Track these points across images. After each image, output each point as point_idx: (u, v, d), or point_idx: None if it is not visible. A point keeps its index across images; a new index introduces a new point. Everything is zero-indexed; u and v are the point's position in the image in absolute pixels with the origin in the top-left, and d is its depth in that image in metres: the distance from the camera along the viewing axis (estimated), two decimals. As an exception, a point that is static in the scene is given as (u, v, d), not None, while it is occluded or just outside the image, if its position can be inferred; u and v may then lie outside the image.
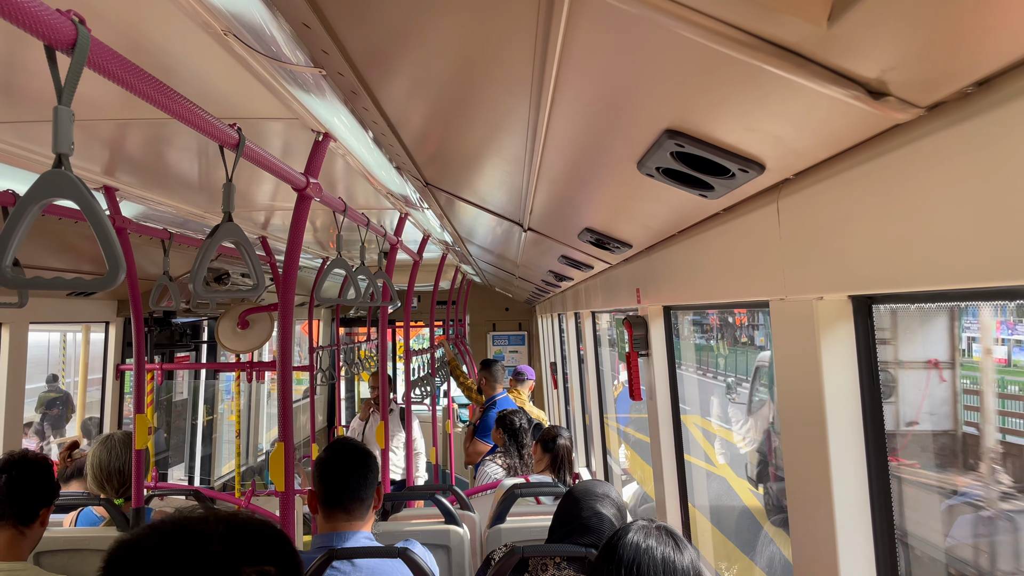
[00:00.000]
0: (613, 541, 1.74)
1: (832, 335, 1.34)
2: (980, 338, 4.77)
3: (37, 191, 1.23)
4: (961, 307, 3.17)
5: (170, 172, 3.10)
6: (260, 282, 2.04)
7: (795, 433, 1.50)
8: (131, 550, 1.02)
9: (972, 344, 4.96)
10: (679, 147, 1.21)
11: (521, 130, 1.62)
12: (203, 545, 1.01)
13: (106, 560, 1.01)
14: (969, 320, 4.96)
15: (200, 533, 1.03)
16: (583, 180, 1.88)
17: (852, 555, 1.39)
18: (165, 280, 3.44)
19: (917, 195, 0.95)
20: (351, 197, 3.72)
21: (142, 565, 0.99)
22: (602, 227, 2.48)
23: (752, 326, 16.03)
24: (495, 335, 11.22)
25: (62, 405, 9.80)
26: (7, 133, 2.39)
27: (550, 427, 4.56)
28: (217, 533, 1.03)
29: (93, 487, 3.27)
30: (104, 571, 1.00)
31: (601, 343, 5.98)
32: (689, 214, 1.82)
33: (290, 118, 2.25)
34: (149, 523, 1.07)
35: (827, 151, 1.11)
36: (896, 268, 1.02)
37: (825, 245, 1.24)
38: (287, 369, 2.48)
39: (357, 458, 2.65)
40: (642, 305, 2.90)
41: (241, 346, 5.15)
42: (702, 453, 10.08)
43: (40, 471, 2.48)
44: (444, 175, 2.71)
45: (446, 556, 3.20)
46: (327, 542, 2.57)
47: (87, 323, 5.07)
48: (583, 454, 6.34)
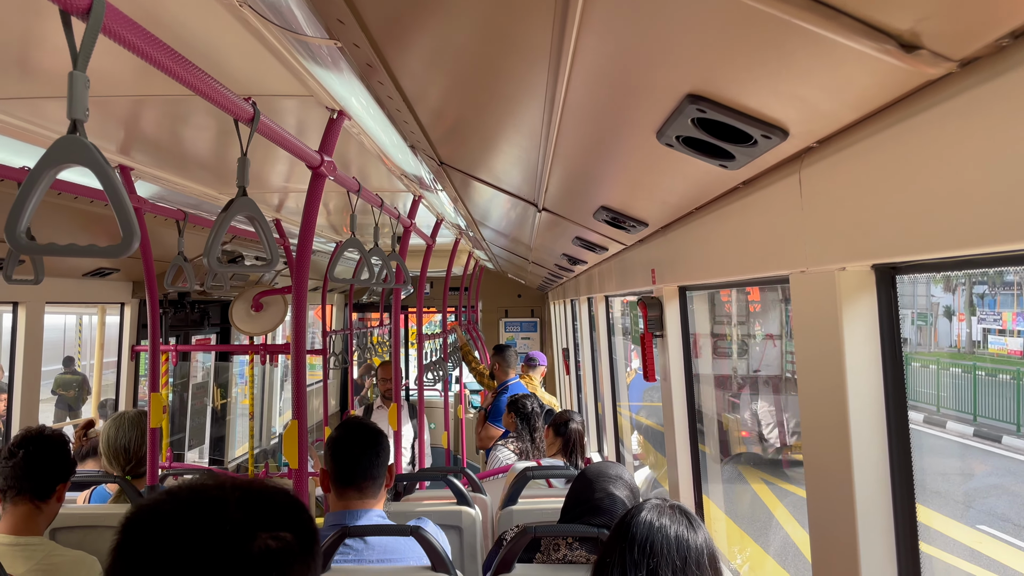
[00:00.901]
0: (627, 519, 1.73)
1: (854, 307, 1.32)
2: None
3: (51, 156, 1.23)
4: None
5: (185, 151, 3.10)
6: (274, 258, 2.03)
7: (815, 407, 1.48)
8: (148, 514, 1.02)
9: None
10: (700, 112, 1.19)
11: (538, 101, 1.59)
12: (219, 510, 1.01)
13: (123, 524, 1.01)
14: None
15: (216, 499, 1.03)
16: (600, 154, 1.86)
17: (872, 533, 1.37)
18: (180, 260, 3.45)
19: (947, 156, 0.92)
20: (365, 179, 3.71)
21: (158, 529, 0.99)
22: (618, 205, 2.46)
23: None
24: (507, 321, 11.23)
25: (77, 388, 9.90)
26: (22, 109, 2.40)
27: (562, 411, 4.56)
28: (233, 499, 1.03)
29: (107, 465, 3.29)
30: (121, 535, 1.00)
31: (614, 331, 5.96)
32: (708, 188, 1.80)
33: (305, 95, 2.24)
34: (166, 489, 1.07)
35: (853, 113, 1.08)
36: (924, 234, 1.00)
37: (849, 214, 1.22)
38: (301, 347, 2.49)
39: (369, 437, 2.66)
40: (657, 286, 2.88)
41: (255, 328, 5.17)
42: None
43: (56, 447, 2.50)
44: (459, 153, 2.69)
45: (458, 537, 3.20)
46: (339, 520, 2.58)
47: (103, 304, 5.09)
48: (595, 440, 6.34)
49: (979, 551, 7.72)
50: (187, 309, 5.65)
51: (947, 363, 15.74)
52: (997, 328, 18.27)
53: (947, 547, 7.86)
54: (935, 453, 11.64)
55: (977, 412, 13.02)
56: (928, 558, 7.38)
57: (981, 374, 13.71)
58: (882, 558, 1.38)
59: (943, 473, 10.70)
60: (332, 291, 8.93)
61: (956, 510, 8.96)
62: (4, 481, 2.39)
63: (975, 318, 18.87)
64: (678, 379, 2.87)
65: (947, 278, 19.67)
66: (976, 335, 18.59)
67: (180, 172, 3.43)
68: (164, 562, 0.96)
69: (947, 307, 19.95)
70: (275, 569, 1.01)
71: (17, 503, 2.39)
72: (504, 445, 5.16)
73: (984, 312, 18.83)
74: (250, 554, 0.99)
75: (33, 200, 1.25)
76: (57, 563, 2.35)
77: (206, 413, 6.88)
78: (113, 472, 3.24)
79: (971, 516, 8.70)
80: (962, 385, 13.97)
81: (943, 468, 10.99)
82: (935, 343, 19.62)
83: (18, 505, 2.39)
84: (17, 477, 2.38)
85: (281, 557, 1.02)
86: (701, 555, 1.65)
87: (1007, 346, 17.38)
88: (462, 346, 7.26)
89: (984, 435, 12.17)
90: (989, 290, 19.14)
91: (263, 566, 1.00)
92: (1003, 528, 8.23)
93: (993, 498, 9.55)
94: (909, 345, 16.77)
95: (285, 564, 1.02)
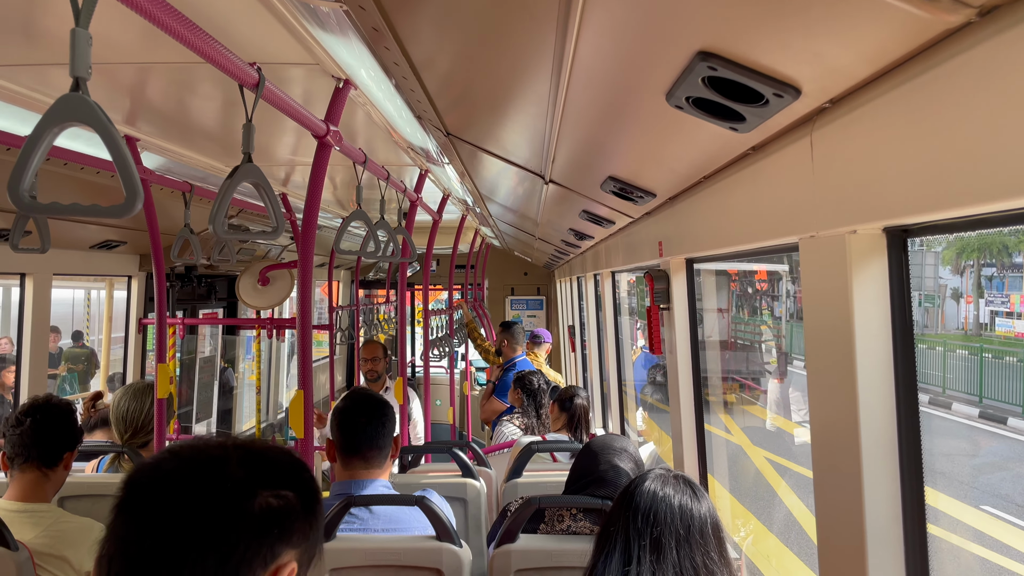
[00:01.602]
0: (630, 489, 1.73)
1: (864, 271, 1.31)
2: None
3: (54, 114, 1.22)
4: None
5: (191, 122, 3.09)
6: (279, 225, 2.02)
7: (822, 372, 1.47)
8: (150, 472, 1.02)
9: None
10: (712, 70, 1.17)
11: (546, 64, 1.57)
12: (220, 468, 1.01)
13: (126, 481, 1.02)
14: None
15: (218, 457, 1.03)
16: (609, 119, 1.84)
17: (878, 497, 1.36)
18: (187, 233, 3.44)
19: (964, 110, 0.90)
20: (371, 152, 3.69)
21: (160, 486, 1.00)
22: (626, 175, 2.44)
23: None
24: (513, 299, 11.24)
25: (86, 362, 9.96)
26: (26, 77, 2.38)
27: (568, 387, 4.57)
28: (235, 457, 1.03)
29: (114, 434, 3.32)
30: (123, 491, 1.00)
31: (621, 311, 5.96)
32: (717, 154, 1.78)
33: (311, 63, 2.22)
34: (168, 447, 1.07)
35: (868, 68, 1.06)
36: (938, 192, 0.98)
37: (861, 175, 1.20)
38: (307, 317, 2.48)
39: (374, 407, 2.67)
40: (664, 259, 2.86)
41: (261, 302, 5.18)
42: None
43: (63, 415, 2.52)
44: (466, 123, 2.67)
45: (463, 508, 3.22)
46: (345, 489, 2.59)
47: (110, 277, 5.10)
48: (599, 416, 6.35)
49: (983, 532, 7.75)
50: (194, 283, 5.66)
51: (954, 345, 15.74)
52: (1005, 310, 18.22)
53: (951, 527, 7.88)
54: (941, 434, 11.66)
55: (983, 394, 13.02)
56: (932, 538, 7.40)
57: (988, 356, 13.69)
58: (888, 525, 1.38)
59: (948, 454, 10.71)
60: (339, 267, 8.93)
61: (961, 491, 8.98)
62: (12, 449, 2.41)
63: (983, 300, 18.82)
64: (684, 352, 2.86)
65: (956, 259, 19.57)
66: (984, 317, 18.56)
67: (186, 143, 3.42)
68: (165, 518, 0.96)
69: (955, 289, 19.88)
70: (276, 526, 1.01)
71: (25, 471, 2.40)
72: (510, 420, 5.19)
73: (992, 294, 18.77)
74: (251, 511, 0.99)
75: (35, 159, 1.24)
76: (64, 529, 2.36)
77: (213, 387, 6.92)
78: (119, 441, 3.27)
79: (976, 497, 8.72)
80: (968, 367, 13.98)
81: (948, 449, 11.01)
82: (942, 325, 19.59)
83: (26, 472, 2.40)
84: (25, 445, 2.40)
85: (282, 515, 1.02)
86: (704, 524, 1.66)
87: (1014, 328, 17.35)
88: (468, 323, 7.27)
89: (990, 417, 12.17)
90: (998, 272, 19.04)
91: (264, 523, 1.00)
92: (1007, 509, 8.25)
93: (998, 479, 9.56)
94: (916, 327, 16.83)
95: (287, 522, 1.02)
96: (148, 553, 0.94)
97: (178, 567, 0.93)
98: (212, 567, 0.94)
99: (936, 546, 7.37)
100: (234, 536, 0.97)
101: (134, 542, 0.95)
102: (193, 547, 0.94)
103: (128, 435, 3.25)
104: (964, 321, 19.19)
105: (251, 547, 0.98)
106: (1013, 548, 7.31)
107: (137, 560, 0.94)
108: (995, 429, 11.65)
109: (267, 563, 0.99)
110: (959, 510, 8.32)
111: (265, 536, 0.99)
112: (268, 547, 0.99)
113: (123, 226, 4.39)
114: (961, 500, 8.59)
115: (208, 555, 0.95)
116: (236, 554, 0.96)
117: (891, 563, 1.38)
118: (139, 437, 3.26)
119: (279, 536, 1.01)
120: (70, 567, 2.31)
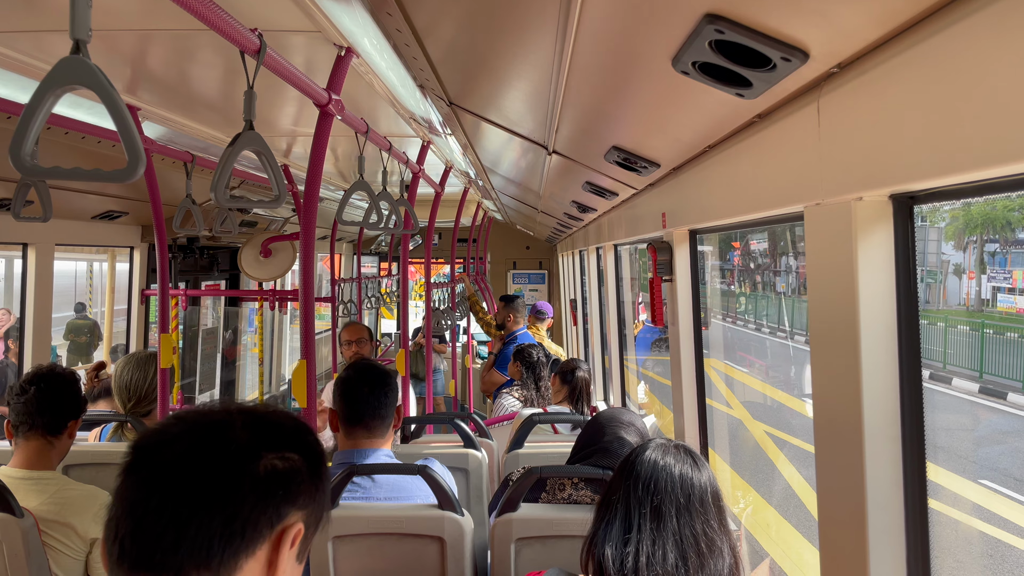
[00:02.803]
0: (631, 458, 1.74)
1: (870, 238, 1.30)
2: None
3: (54, 77, 1.21)
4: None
5: (192, 91, 3.07)
6: (281, 193, 2.02)
7: (825, 341, 1.47)
8: (156, 436, 1.04)
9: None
10: (719, 33, 1.16)
11: (550, 29, 1.55)
12: (224, 431, 1.03)
13: (132, 445, 1.03)
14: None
15: (222, 421, 1.04)
16: (614, 86, 1.82)
17: (880, 467, 1.37)
18: (188, 203, 3.43)
19: (975, 73, 0.89)
20: (373, 123, 3.66)
21: (166, 449, 1.00)
22: (630, 144, 2.42)
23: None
24: (515, 273, 11.26)
25: (89, 333, 10.00)
26: (27, 44, 2.37)
27: (569, 359, 4.58)
28: (239, 421, 1.05)
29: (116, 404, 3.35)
30: (131, 454, 1.02)
31: (622, 283, 5.95)
32: (723, 121, 1.76)
33: (312, 31, 2.20)
34: (174, 413, 1.08)
35: (878, 30, 1.04)
36: (945, 157, 0.97)
37: (868, 141, 1.18)
38: (309, 287, 2.48)
39: (378, 377, 2.68)
40: (667, 230, 2.85)
41: (264, 274, 5.19)
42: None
43: (67, 384, 2.53)
44: (469, 92, 2.65)
45: (464, 478, 3.24)
46: (348, 458, 2.61)
47: (112, 248, 5.10)
48: (601, 390, 6.38)
49: (982, 506, 7.80)
50: (196, 255, 5.66)
51: (955, 320, 15.77)
52: (1007, 286, 18.22)
53: (951, 501, 7.94)
54: (941, 409, 11.71)
55: (984, 369, 13.05)
56: (932, 511, 7.46)
57: (989, 332, 13.72)
58: (890, 492, 1.38)
59: (948, 428, 10.76)
60: (340, 240, 8.92)
61: (960, 465, 9.02)
62: (16, 417, 2.43)
63: (985, 276, 18.82)
64: (686, 324, 2.86)
65: (959, 235, 19.52)
66: (985, 293, 18.57)
67: (188, 113, 3.40)
68: (170, 479, 0.97)
69: (957, 265, 19.87)
70: (281, 487, 1.02)
71: (29, 438, 2.42)
72: (509, 393, 5.24)
73: (995, 270, 18.76)
74: (255, 473, 1.00)
75: (36, 123, 1.23)
76: (69, 497, 2.38)
77: (216, 358, 6.96)
78: (122, 410, 3.29)
79: (975, 471, 8.77)
80: (970, 343, 14.00)
81: (948, 424, 11.06)
82: (944, 301, 19.61)
83: (30, 440, 2.42)
84: (29, 413, 2.41)
85: (287, 477, 1.03)
86: (704, 494, 1.67)
87: (1015, 304, 17.36)
88: (470, 296, 7.28)
89: (990, 392, 12.22)
90: (1001, 248, 19.01)
91: (269, 484, 1.01)
92: (1006, 483, 8.30)
93: (997, 454, 9.61)
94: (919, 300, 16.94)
95: (292, 484, 1.03)
96: (154, 513, 0.95)
97: (184, 526, 0.94)
98: (218, 526, 0.95)
99: (935, 519, 7.43)
100: (239, 496, 0.98)
101: (141, 502, 0.96)
102: (199, 506, 0.96)
103: (131, 404, 3.27)
104: (966, 297, 19.20)
105: (257, 507, 0.99)
106: (1011, 522, 7.37)
107: (143, 520, 0.95)
108: (995, 404, 11.69)
109: (273, 524, 1.00)
110: (959, 484, 8.38)
111: (270, 497, 1.00)
112: (274, 508, 1.00)
113: (125, 196, 4.38)
114: (960, 474, 8.64)
115: (214, 514, 0.96)
116: (241, 514, 0.97)
117: (892, 533, 1.39)
118: (142, 406, 3.28)
119: (284, 497, 1.02)
120: (75, 534, 2.34)
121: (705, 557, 1.61)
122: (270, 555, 1.00)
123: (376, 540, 2.45)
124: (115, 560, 0.97)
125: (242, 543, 0.97)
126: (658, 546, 1.59)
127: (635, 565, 1.58)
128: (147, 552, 0.95)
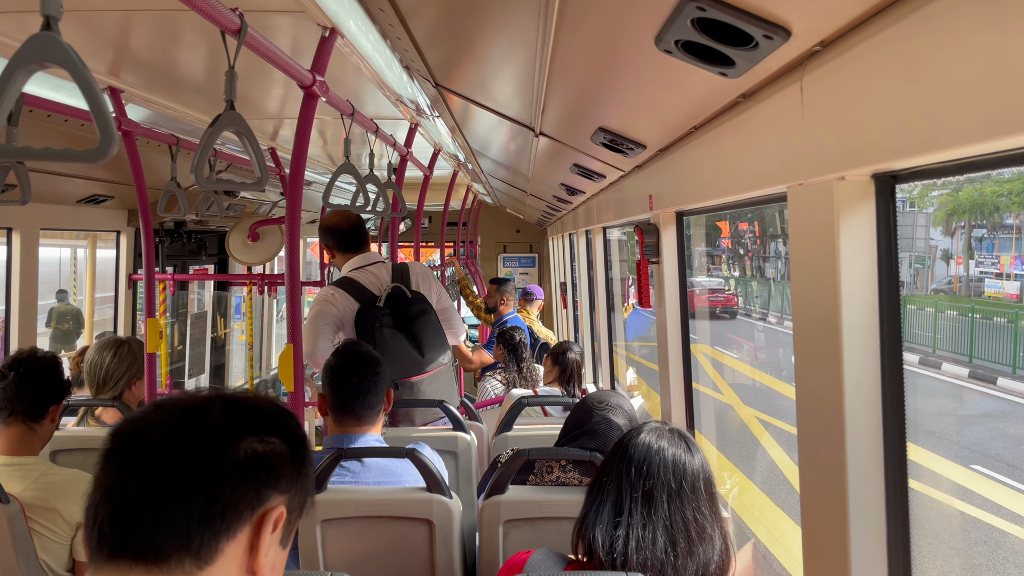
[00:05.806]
0: (625, 441, 1.75)
1: (851, 218, 1.30)
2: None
3: (24, 54, 1.19)
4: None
5: (176, 73, 3.04)
6: (263, 175, 2.01)
7: (808, 321, 1.47)
8: (136, 422, 1.04)
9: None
10: (700, 11, 1.15)
11: (533, 7, 1.54)
12: (204, 416, 1.02)
13: (112, 432, 1.03)
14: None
15: (201, 407, 1.04)
16: (598, 66, 1.81)
17: (861, 446, 1.37)
18: (173, 187, 3.40)
19: (956, 51, 0.88)
20: (360, 105, 3.64)
21: (145, 434, 1.00)
22: (616, 126, 2.41)
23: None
24: (506, 256, 11.26)
25: (73, 320, 9.96)
26: (8, 25, 2.33)
27: (561, 341, 4.59)
28: (218, 406, 1.05)
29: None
30: (110, 440, 1.01)
31: (611, 265, 5.95)
32: (707, 101, 1.75)
33: (296, 11, 2.17)
34: (155, 400, 1.08)
35: (860, 7, 1.03)
36: (926, 135, 0.97)
37: (850, 120, 1.18)
38: (295, 271, 2.47)
39: (366, 363, 2.66)
40: (654, 212, 2.85)
41: (252, 258, 5.17)
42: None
43: (48, 369, 2.50)
44: (455, 73, 2.63)
45: (454, 461, 3.24)
46: (336, 443, 2.60)
47: (97, 232, 5.05)
48: (591, 372, 6.39)
49: (972, 490, 7.87)
50: (184, 239, 5.62)
51: (944, 306, 15.85)
52: (995, 272, 18.35)
53: (940, 486, 8.00)
54: (931, 394, 11.78)
55: (973, 354, 13.13)
56: (921, 496, 7.53)
57: (977, 317, 13.79)
58: (871, 473, 1.39)
59: (937, 413, 10.84)
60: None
61: (950, 450, 9.09)
62: None
63: (972, 262, 18.93)
64: (673, 306, 2.86)
65: (947, 220, 19.59)
66: (973, 278, 18.67)
67: (171, 95, 3.36)
68: (149, 462, 0.97)
69: (944, 250, 19.96)
70: (262, 470, 1.01)
71: (10, 424, 2.40)
72: (493, 376, 5.26)
73: (982, 255, 18.88)
74: (235, 455, 1.00)
75: (5, 102, 1.21)
76: (53, 481, 2.37)
77: (205, 343, 6.93)
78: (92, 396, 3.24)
79: (965, 456, 8.84)
80: (958, 328, 14.08)
81: (937, 408, 11.14)
82: (931, 287, 19.71)
83: (11, 426, 2.40)
84: (9, 398, 2.39)
85: (268, 460, 1.03)
86: (697, 479, 1.68)
87: (1003, 289, 17.49)
88: (460, 279, 7.26)
89: (979, 376, 12.30)
90: (988, 233, 19.10)
91: (249, 467, 1.00)
92: (996, 468, 8.37)
93: (987, 438, 9.69)
94: (905, 288, 17.12)
95: (273, 467, 1.03)
96: (133, 496, 0.95)
97: (163, 509, 0.94)
98: (197, 509, 0.95)
99: (925, 504, 7.49)
100: (219, 479, 0.97)
101: (119, 487, 0.96)
102: (178, 489, 0.95)
103: (93, 389, 3.22)
104: (954, 281, 19.32)
105: (237, 489, 0.98)
106: (1003, 507, 7.44)
107: (122, 504, 0.95)
108: (984, 389, 11.77)
109: (254, 507, 1.00)
110: (948, 469, 8.44)
111: (250, 479, 1.00)
112: (254, 490, 1.00)
113: (109, 180, 4.34)
114: (950, 459, 8.71)
115: (193, 497, 0.95)
116: (221, 496, 0.97)
117: (872, 513, 1.40)
118: (105, 391, 3.19)
119: (265, 480, 1.01)
120: (61, 518, 2.33)
121: (695, 543, 1.62)
122: (252, 539, 1.00)
123: (365, 523, 2.45)
124: (95, 545, 0.96)
125: (222, 525, 0.97)
126: (648, 531, 1.60)
127: (624, 548, 1.59)
128: (126, 536, 0.95)
